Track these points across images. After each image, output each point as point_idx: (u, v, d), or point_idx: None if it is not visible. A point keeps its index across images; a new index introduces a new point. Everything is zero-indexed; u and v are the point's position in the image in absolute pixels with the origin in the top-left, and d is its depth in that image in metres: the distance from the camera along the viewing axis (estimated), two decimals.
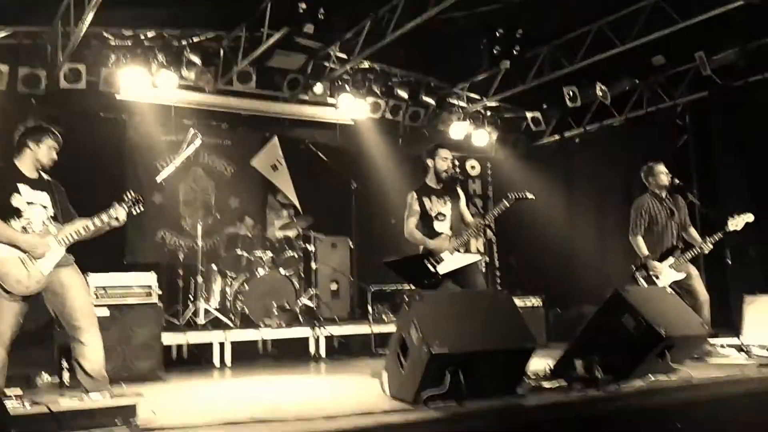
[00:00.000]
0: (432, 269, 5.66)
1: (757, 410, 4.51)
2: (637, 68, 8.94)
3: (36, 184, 4.61)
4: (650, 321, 4.75)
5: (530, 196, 5.66)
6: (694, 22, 7.21)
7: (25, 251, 4.37)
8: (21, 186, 4.52)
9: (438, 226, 5.83)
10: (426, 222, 5.86)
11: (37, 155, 4.61)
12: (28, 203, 4.50)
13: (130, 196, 4.71)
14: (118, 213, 4.63)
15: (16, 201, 4.46)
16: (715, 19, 7.10)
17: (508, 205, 5.64)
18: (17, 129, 4.72)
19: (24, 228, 4.43)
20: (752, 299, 6.77)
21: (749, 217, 6.53)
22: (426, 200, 5.89)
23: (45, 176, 4.71)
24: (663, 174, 6.78)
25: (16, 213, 4.44)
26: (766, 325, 6.42)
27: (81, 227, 4.58)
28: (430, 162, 6.02)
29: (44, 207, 4.57)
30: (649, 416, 4.26)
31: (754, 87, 8.37)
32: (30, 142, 4.60)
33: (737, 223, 6.52)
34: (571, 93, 9.31)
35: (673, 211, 6.78)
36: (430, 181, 6.03)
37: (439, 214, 5.86)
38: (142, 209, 4.77)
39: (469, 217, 6.00)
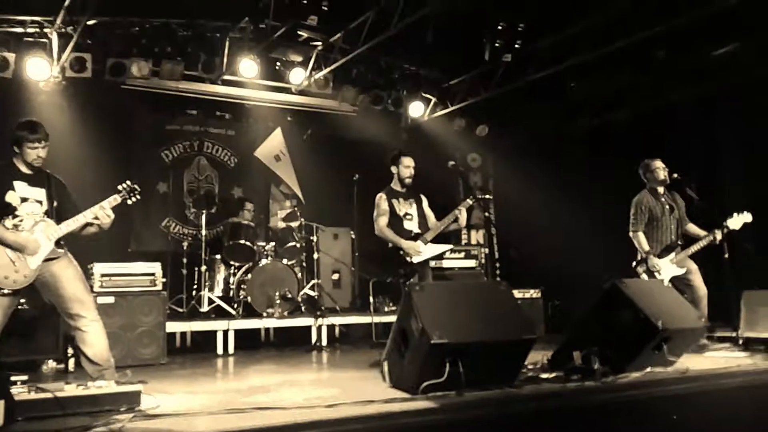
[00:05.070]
0: (407, 259, 5.97)
1: (752, 403, 4.55)
2: (640, 63, 8.94)
3: (32, 180, 4.54)
4: (647, 313, 4.77)
5: (488, 196, 6.02)
6: (698, 17, 7.20)
7: (14, 249, 4.33)
8: (16, 183, 4.47)
9: (407, 224, 6.20)
10: (396, 221, 6.19)
11: (23, 156, 4.50)
12: (22, 199, 4.46)
13: (124, 186, 4.69)
14: (105, 206, 4.53)
15: (9, 197, 4.42)
16: (720, 13, 7.09)
17: (471, 203, 6.14)
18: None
19: (15, 226, 4.39)
20: (750, 294, 6.79)
21: (747, 218, 6.52)
22: (394, 201, 6.26)
23: (44, 170, 4.62)
24: (660, 169, 6.76)
25: (10, 210, 4.41)
26: (763, 320, 6.45)
27: (71, 220, 4.52)
28: (393, 169, 6.37)
29: (39, 202, 4.51)
30: (646, 408, 4.30)
31: (757, 83, 8.37)
32: (18, 140, 4.48)
33: (736, 222, 6.52)
34: (572, 87, 9.33)
35: (673, 207, 6.76)
36: (395, 185, 6.40)
37: (407, 214, 6.26)
38: (138, 198, 4.72)
39: (432, 219, 6.34)
